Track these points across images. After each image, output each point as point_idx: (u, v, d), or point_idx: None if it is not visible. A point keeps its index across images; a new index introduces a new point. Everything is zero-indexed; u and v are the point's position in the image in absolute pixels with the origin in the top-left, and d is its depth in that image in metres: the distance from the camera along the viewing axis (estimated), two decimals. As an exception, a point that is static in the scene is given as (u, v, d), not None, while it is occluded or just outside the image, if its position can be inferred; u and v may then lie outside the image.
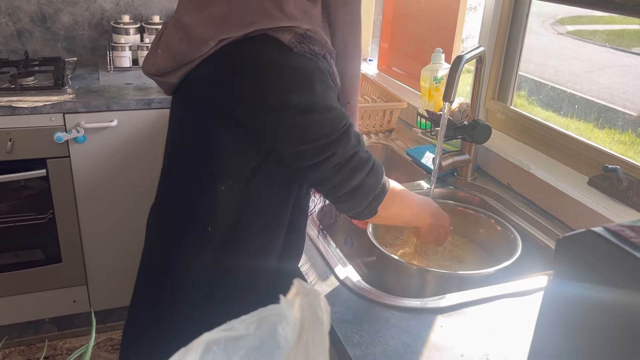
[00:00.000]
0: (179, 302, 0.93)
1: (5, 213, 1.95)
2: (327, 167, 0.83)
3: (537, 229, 1.27)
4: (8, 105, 1.77)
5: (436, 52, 1.59)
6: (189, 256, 0.92)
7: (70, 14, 2.30)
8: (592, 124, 1.73)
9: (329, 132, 0.82)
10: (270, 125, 0.81)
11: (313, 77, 0.79)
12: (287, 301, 0.43)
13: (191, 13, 0.82)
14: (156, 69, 0.87)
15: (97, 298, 2.13)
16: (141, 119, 1.93)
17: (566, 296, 0.53)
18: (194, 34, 0.80)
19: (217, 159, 0.85)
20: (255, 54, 0.78)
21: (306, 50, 0.79)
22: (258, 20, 0.77)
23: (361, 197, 0.89)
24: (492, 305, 0.98)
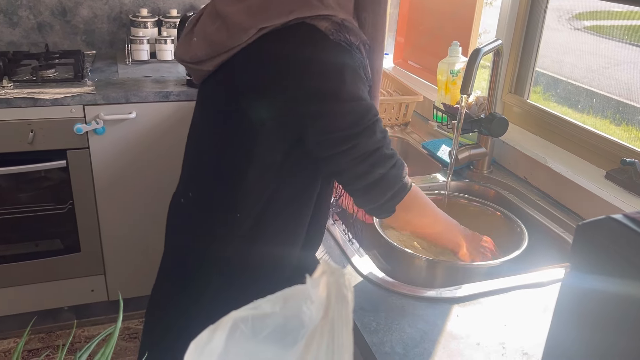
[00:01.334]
0: (203, 287, 0.95)
1: (26, 203, 1.99)
2: (348, 158, 0.85)
3: (553, 222, 1.27)
4: (30, 96, 1.80)
5: (453, 45, 1.59)
6: (215, 243, 0.94)
7: (89, 8, 2.33)
8: (609, 120, 1.72)
9: (355, 123, 0.83)
10: (300, 111, 0.82)
11: (345, 67, 0.81)
12: (313, 280, 0.44)
13: (229, 3, 0.83)
14: (191, 56, 0.88)
15: (115, 287, 2.17)
16: (159, 111, 1.96)
17: (584, 285, 0.53)
18: (234, 23, 0.81)
19: (249, 146, 0.86)
20: (293, 41, 0.80)
21: (342, 39, 0.81)
22: (298, 9, 0.79)
23: (379, 192, 0.90)
24: (507, 296, 0.99)
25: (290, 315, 0.48)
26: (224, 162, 0.91)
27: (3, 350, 2.06)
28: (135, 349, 2.10)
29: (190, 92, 1.95)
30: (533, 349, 0.86)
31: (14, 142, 1.83)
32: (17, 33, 2.28)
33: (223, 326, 0.47)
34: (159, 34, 2.32)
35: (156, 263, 1.09)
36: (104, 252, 2.09)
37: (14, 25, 2.27)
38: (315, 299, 0.46)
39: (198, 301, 0.95)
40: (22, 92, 1.81)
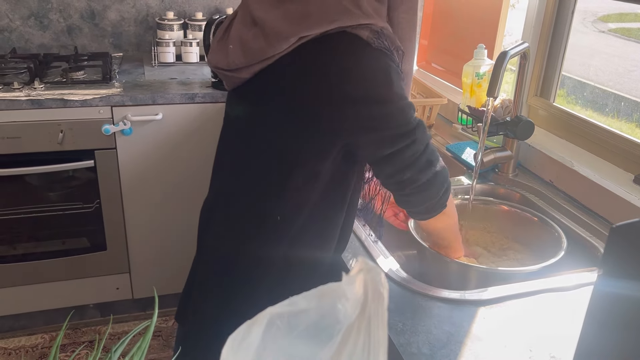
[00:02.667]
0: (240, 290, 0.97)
1: (54, 202, 2.04)
2: (405, 155, 0.86)
3: (580, 227, 1.26)
4: (60, 97, 1.84)
5: (479, 48, 1.59)
6: (256, 247, 0.95)
7: (117, 11, 2.38)
8: (635, 123, 1.70)
9: (407, 121, 0.85)
10: (352, 117, 0.84)
11: (390, 70, 0.83)
12: (349, 278, 0.45)
13: (265, 9, 0.84)
14: (227, 63, 0.89)
15: (140, 286, 2.20)
16: (185, 113, 1.99)
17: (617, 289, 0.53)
18: (273, 31, 0.81)
19: (292, 155, 0.88)
20: (338, 50, 0.82)
21: (382, 46, 0.83)
22: (340, 18, 0.80)
23: (437, 187, 0.92)
24: (534, 299, 0.98)
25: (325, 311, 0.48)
26: (266, 170, 0.92)
27: (31, 346, 2.10)
28: (159, 347, 2.13)
29: (216, 94, 1.98)
30: (561, 353, 0.85)
31: (44, 142, 1.88)
32: (48, 36, 2.34)
33: (259, 322, 0.48)
34: (184, 36, 2.35)
35: (181, 262, 1.11)
36: (130, 251, 2.13)
37: (45, 28, 2.32)
38: (350, 296, 0.47)
39: (242, 304, 0.96)
40: (52, 94, 1.85)
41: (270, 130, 0.90)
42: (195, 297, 1.09)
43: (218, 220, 1.02)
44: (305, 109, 0.85)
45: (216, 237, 1.02)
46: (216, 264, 1.01)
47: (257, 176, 0.94)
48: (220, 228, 1.01)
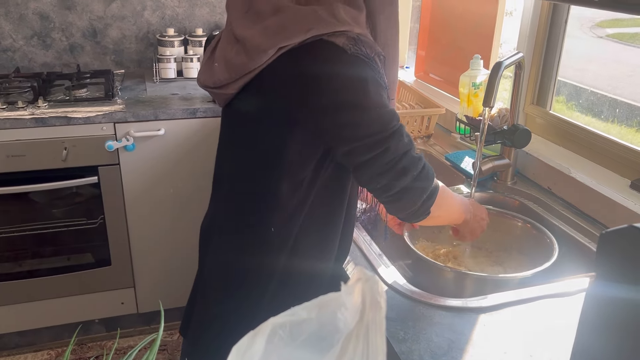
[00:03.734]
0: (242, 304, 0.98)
1: (59, 218, 2.06)
2: (380, 163, 0.87)
3: (578, 232, 1.28)
4: (64, 115, 1.87)
5: (475, 58, 1.61)
6: (253, 261, 0.97)
7: (118, 29, 2.42)
8: (635, 128, 1.71)
9: (382, 129, 0.86)
10: (328, 124, 0.85)
11: (366, 77, 0.84)
12: (348, 287, 0.47)
13: (245, 26, 0.87)
14: (214, 81, 0.92)
15: (144, 300, 2.22)
16: (187, 128, 2.01)
17: (609, 294, 0.55)
18: (253, 45, 0.84)
19: (280, 163, 0.90)
20: (314, 58, 0.83)
21: (360, 52, 0.84)
22: (315, 27, 0.82)
23: (414, 196, 0.92)
24: (534, 305, 1.00)
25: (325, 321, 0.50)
26: (256, 181, 0.94)
27: (37, 362, 2.12)
28: (164, 361, 2.14)
29: (217, 109, 2.00)
30: (561, 358, 0.87)
31: (48, 159, 1.90)
32: (50, 54, 2.37)
33: (262, 332, 0.50)
34: (185, 52, 2.38)
35: (185, 276, 1.12)
36: (134, 265, 2.15)
37: (47, 47, 2.36)
38: (349, 305, 0.49)
39: (244, 317, 0.98)
40: (56, 112, 1.88)
41: (258, 141, 0.93)
42: (198, 311, 1.10)
43: (216, 236, 1.03)
44: (286, 115, 0.87)
45: (215, 253, 1.03)
46: (216, 279, 1.03)
47: (248, 189, 0.96)
48: (218, 243, 1.03)
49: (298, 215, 0.94)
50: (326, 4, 0.84)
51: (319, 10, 0.83)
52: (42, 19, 2.31)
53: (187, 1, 2.46)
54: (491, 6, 1.75)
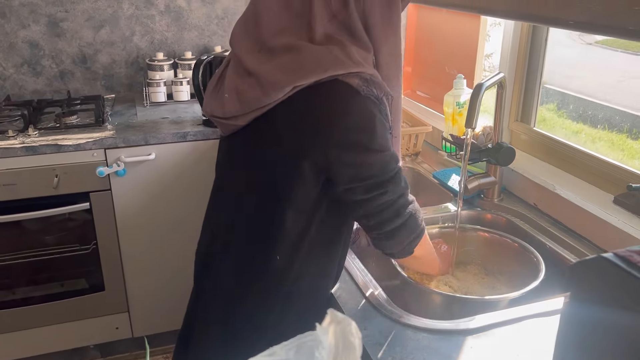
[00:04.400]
0: (242, 331, 0.99)
1: (52, 245, 2.06)
2: (376, 203, 0.91)
3: (565, 249, 1.29)
4: (54, 143, 1.88)
5: (458, 78, 1.64)
6: (257, 289, 0.98)
7: (108, 54, 2.44)
8: (626, 134, 1.73)
9: (383, 172, 0.89)
10: (334, 161, 0.88)
11: (375, 119, 0.87)
12: (322, 328, 0.48)
13: (258, 61, 0.89)
14: (223, 112, 0.93)
15: (139, 324, 2.21)
16: (177, 151, 2.03)
17: (581, 319, 0.56)
18: (268, 81, 0.86)
19: (287, 191, 0.92)
20: (329, 97, 0.86)
21: (371, 93, 0.87)
22: (332, 67, 0.85)
23: (404, 236, 0.96)
24: (520, 325, 1.01)
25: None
26: (262, 209, 0.95)
27: (32, 390, 2.10)
28: (160, 385, 2.13)
29: (207, 132, 2.02)
30: (546, 378, 0.88)
31: (40, 187, 1.91)
32: (41, 82, 2.39)
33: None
34: (175, 75, 2.41)
35: (179, 299, 1.13)
36: (128, 290, 2.15)
37: (38, 74, 2.37)
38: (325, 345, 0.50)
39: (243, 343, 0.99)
40: (46, 140, 1.89)
41: (264, 173, 0.94)
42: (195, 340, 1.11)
43: (216, 265, 1.04)
44: (296, 150, 0.89)
45: (216, 281, 1.04)
46: (217, 308, 1.03)
47: (253, 218, 0.97)
48: (219, 272, 1.04)
49: (302, 243, 0.96)
50: (339, 44, 0.86)
51: (334, 50, 0.85)
52: (32, 47, 2.33)
53: (176, 25, 2.49)
54: (473, 25, 1.78)
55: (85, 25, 2.37)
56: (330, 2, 0.87)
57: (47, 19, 2.31)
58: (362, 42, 0.89)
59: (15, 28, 2.29)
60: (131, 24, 2.42)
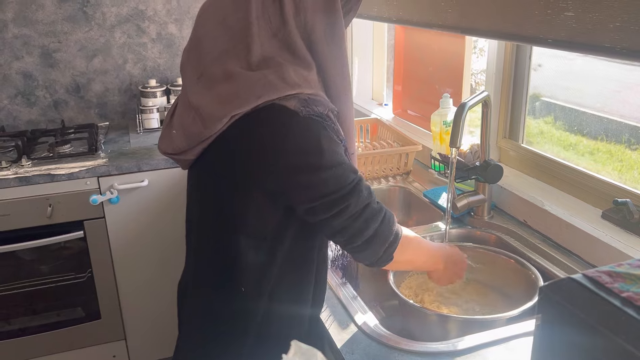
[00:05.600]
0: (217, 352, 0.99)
1: (47, 274, 2.06)
2: (342, 219, 0.89)
3: (554, 265, 1.29)
4: (47, 173, 1.89)
5: (444, 97, 1.65)
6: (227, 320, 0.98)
7: (101, 83, 2.46)
8: (624, 145, 1.72)
9: (340, 187, 0.88)
10: (286, 186, 0.87)
11: (320, 137, 0.86)
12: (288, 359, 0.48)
13: (199, 93, 0.89)
14: (173, 148, 0.94)
15: (136, 352, 2.20)
16: (170, 177, 2.04)
17: (552, 341, 0.56)
18: (207, 114, 0.87)
19: (243, 222, 0.91)
20: (267, 123, 0.86)
21: (311, 113, 0.86)
22: (265, 93, 0.85)
23: (377, 245, 0.94)
24: (509, 345, 1.00)
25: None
26: (220, 240, 0.95)
27: (29, 422, 2.08)
28: (158, 414, 2.11)
29: (199, 157, 2.03)
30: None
31: (33, 217, 1.92)
32: (35, 112, 2.41)
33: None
34: (167, 102, 2.43)
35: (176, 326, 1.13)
36: (124, 317, 2.14)
37: (32, 104, 2.40)
38: (294, 376, 0.50)
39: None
40: (39, 170, 1.91)
41: (218, 204, 0.94)
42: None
43: (189, 294, 1.05)
44: (244, 179, 0.89)
45: (190, 311, 1.05)
46: (193, 337, 1.03)
47: (213, 250, 0.97)
48: (192, 303, 1.04)
49: (268, 271, 0.95)
50: (275, 66, 0.86)
51: (268, 75, 0.85)
52: (26, 78, 2.36)
53: (168, 52, 2.52)
54: (459, 44, 1.80)
55: (78, 55, 2.40)
56: (270, 21, 0.87)
57: (40, 50, 2.34)
58: (302, 61, 0.88)
59: (9, 60, 2.32)
60: (123, 52, 2.46)
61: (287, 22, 0.87)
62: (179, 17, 2.49)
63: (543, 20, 1.02)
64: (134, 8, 2.42)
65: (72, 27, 2.36)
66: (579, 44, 0.98)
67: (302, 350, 0.46)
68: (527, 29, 1.07)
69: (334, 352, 1.03)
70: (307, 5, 0.88)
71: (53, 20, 2.33)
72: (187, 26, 2.51)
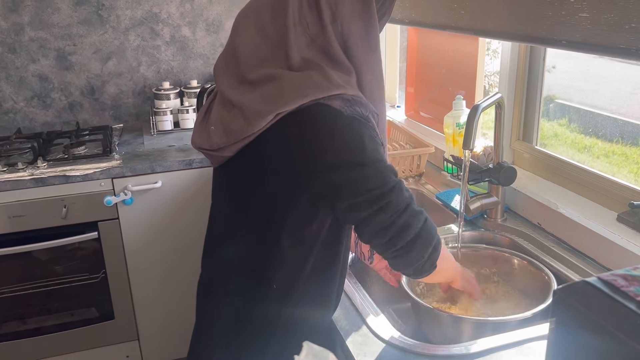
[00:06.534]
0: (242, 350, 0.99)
1: (62, 274, 2.08)
2: (382, 217, 0.88)
3: (569, 269, 1.28)
4: (62, 174, 1.91)
5: (457, 99, 1.64)
6: (257, 317, 0.98)
7: (115, 85, 2.49)
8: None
9: (382, 184, 0.88)
10: (328, 184, 0.88)
11: (363, 135, 0.87)
12: None
13: (240, 93, 0.90)
14: (210, 144, 0.94)
15: (149, 352, 2.21)
16: (183, 179, 2.05)
17: (566, 345, 0.56)
18: (251, 111, 0.87)
19: (281, 225, 0.92)
20: (313, 121, 0.86)
21: (355, 113, 0.87)
22: (311, 92, 0.86)
23: (421, 248, 0.92)
24: (524, 348, 0.99)
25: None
26: (257, 241, 0.96)
27: (44, 421, 2.10)
28: (170, 414, 2.12)
29: (212, 159, 2.04)
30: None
31: (48, 218, 1.94)
32: (51, 114, 2.44)
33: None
34: (181, 104, 2.44)
35: (189, 326, 1.13)
36: (137, 318, 2.16)
37: (48, 107, 2.43)
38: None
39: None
40: (55, 171, 1.93)
41: (257, 203, 0.95)
42: None
43: (216, 294, 1.04)
44: (286, 178, 0.89)
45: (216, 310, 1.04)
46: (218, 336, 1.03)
47: (247, 249, 0.98)
48: (219, 302, 1.04)
49: (299, 272, 0.96)
50: (318, 68, 0.87)
51: (313, 75, 0.86)
52: (42, 80, 2.39)
53: (181, 54, 2.53)
54: (472, 45, 1.80)
55: (93, 57, 2.42)
56: (308, 27, 0.88)
57: (56, 53, 2.37)
58: (342, 66, 0.89)
59: (25, 62, 2.35)
60: (137, 54, 2.48)
61: (325, 29, 0.88)
62: (192, 20, 2.50)
63: (557, 21, 1.01)
64: (148, 11, 2.44)
65: (87, 30, 2.39)
66: (594, 45, 0.97)
67: (314, 351, 0.46)
68: (541, 30, 1.07)
69: (345, 355, 1.03)
70: (343, 11, 0.88)
71: (68, 24, 2.36)
72: (200, 29, 2.52)
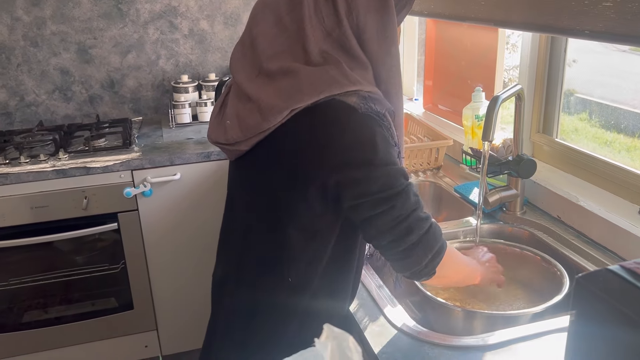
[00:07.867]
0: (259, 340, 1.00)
1: (82, 265, 2.12)
2: (385, 220, 0.88)
3: (589, 262, 1.27)
4: (83, 166, 1.94)
5: (476, 91, 1.63)
6: (272, 310, 0.99)
7: (135, 78, 2.51)
8: None
9: (388, 187, 0.87)
10: (337, 180, 0.87)
11: (375, 134, 0.86)
12: (322, 343, 0.49)
13: (257, 86, 0.90)
14: (226, 138, 0.94)
15: (167, 342, 2.24)
16: (202, 171, 2.07)
17: (588, 334, 0.55)
18: (267, 106, 0.87)
19: (294, 218, 0.92)
20: (327, 117, 0.86)
21: (370, 110, 0.87)
22: (327, 88, 0.85)
23: (420, 254, 0.92)
24: (540, 341, 0.99)
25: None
26: (270, 234, 0.96)
27: (65, 408, 2.14)
28: (188, 403, 2.14)
29: (229, 151, 2.05)
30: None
31: (70, 209, 1.97)
32: (71, 107, 2.48)
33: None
34: (199, 97, 2.46)
35: (207, 317, 1.14)
36: (156, 308, 2.18)
37: (68, 100, 2.46)
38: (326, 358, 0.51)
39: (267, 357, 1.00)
40: (76, 162, 1.96)
41: (270, 196, 0.95)
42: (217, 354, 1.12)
43: (231, 286, 1.05)
44: (298, 172, 0.90)
45: (232, 302, 1.05)
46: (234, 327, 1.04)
47: (263, 243, 0.98)
48: (235, 294, 1.04)
49: (313, 266, 0.96)
50: (335, 63, 0.87)
51: (330, 70, 0.86)
52: (63, 74, 2.42)
53: (200, 48, 2.55)
54: (492, 38, 1.78)
55: (113, 51, 2.45)
56: (324, 21, 0.88)
57: (76, 46, 2.40)
58: (358, 61, 0.89)
59: (47, 56, 2.38)
60: (156, 48, 2.50)
61: (341, 22, 0.87)
62: (210, 14, 2.51)
63: (580, 11, 1.00)
64: (166, 5, 2.46)
65: (107, 23, 2.41)
66: (618, 35, 0.96)
67: (334, 334, 0.47)
68: (563, 20, 1.05)
69: (363, 344, 1.04)
70: (359, 3, 0.88)
71: (89, 17, 2.39)
72: (218, 22, 2.53)
